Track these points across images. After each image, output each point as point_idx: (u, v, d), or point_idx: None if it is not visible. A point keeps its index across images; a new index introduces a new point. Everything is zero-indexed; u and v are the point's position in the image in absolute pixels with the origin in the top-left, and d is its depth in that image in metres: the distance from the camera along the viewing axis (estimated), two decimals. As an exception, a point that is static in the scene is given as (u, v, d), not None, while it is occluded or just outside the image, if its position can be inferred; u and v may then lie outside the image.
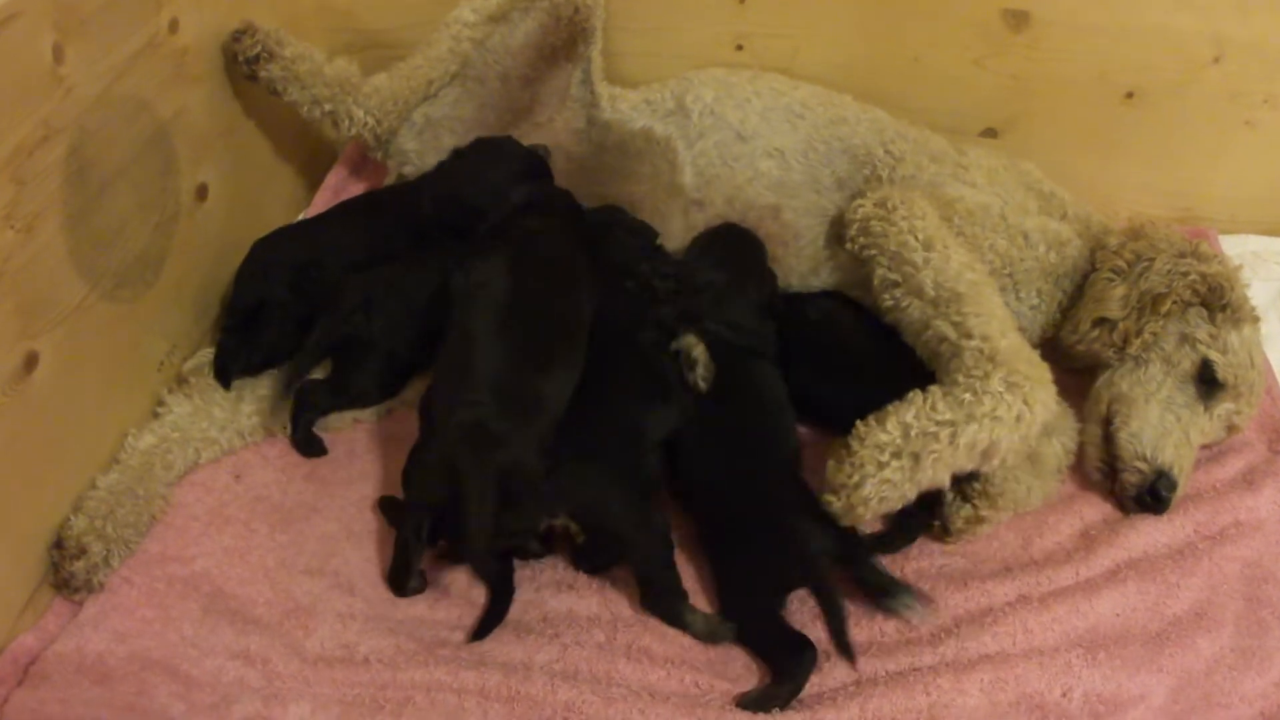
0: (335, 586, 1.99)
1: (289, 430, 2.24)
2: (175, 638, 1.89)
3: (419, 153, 2.74)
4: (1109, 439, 2.20)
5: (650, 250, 2.38)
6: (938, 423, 1.83)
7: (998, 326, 1.97)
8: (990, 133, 2.82)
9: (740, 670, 1.87)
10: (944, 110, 2.78)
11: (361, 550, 2.06)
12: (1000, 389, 1.87)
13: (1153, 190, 2.87)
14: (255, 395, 2.26)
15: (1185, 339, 2.21)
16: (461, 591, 1.99)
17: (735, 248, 2.38)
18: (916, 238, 2.12)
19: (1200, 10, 2.60)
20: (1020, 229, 2.31)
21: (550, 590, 1.99)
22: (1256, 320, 2.26)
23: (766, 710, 1.79)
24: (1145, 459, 2.13)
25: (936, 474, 1.84)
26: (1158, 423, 2.16)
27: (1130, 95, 2.73)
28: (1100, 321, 2.25)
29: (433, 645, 1.88)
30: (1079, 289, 2.33)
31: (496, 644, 1.89)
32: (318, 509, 2.14)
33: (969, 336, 1.96)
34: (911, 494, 1.85)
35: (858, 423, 1.87)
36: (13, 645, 1.86)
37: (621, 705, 1.79)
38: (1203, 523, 2.14)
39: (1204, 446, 2.27)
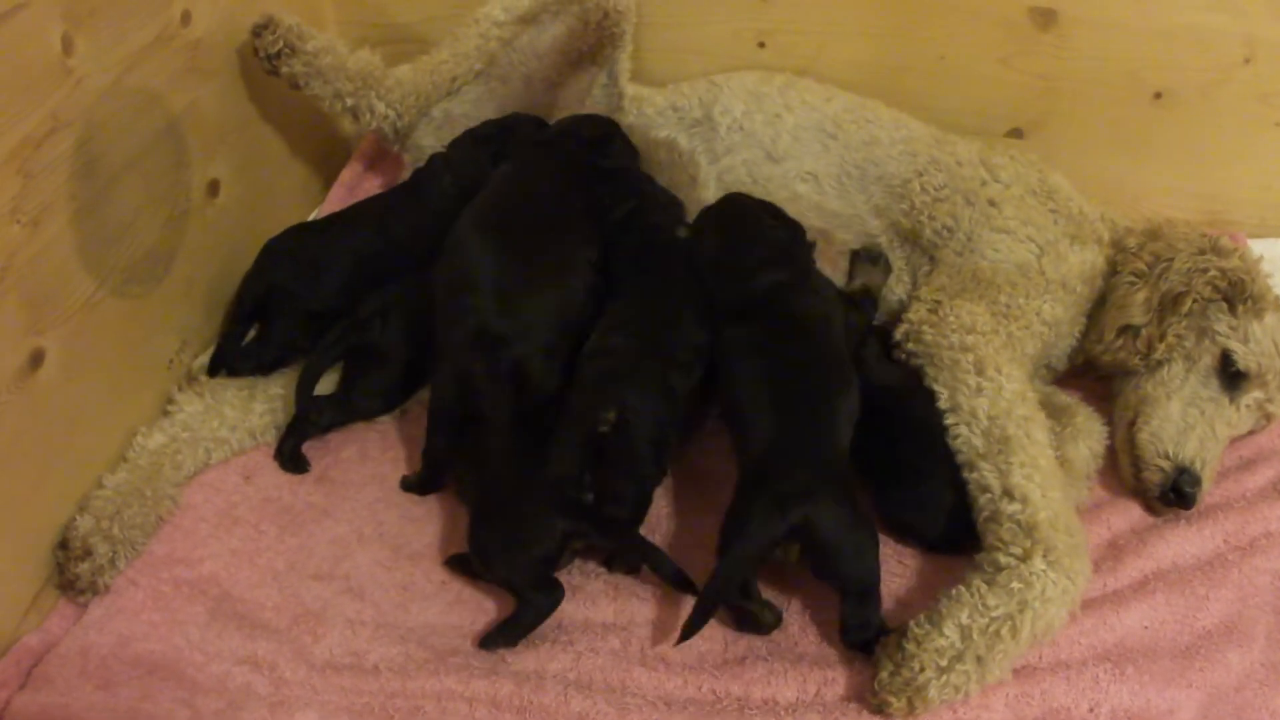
0: (345, 591, 1.96)
1: (280, 442, 2.20)
2: (181, 642, 1.86)
3: (436, 150, 2.69)
4: (1132, 440, 2.18)
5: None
6: (993, 619, 1.78)
7: (1040, 484, 1.91)
8: (1016, 133, 2.78)
9: (759, 675, 1.82)
10: (969, 110, 2.74)
11: (372, 554, 2.03)
12: (1043, 568, 1.82)
13: (1181, 192, 2.83)
14: (267, 394, 2.23)
15: (1204, 333, 2.20)
16: (474, 598, 1.96)
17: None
18: (969, 358, 2.07)
19: (1231, 10, 2.56)
20: (1060, 280, 2.27)
21: (565, 597, 1.95)
22: None
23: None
24: (1166, 456, 2.11)
25: (1003, 671, 1.80)
26: (1179, 419, 2.14)
27: (1159, 96, 2.69)
28: (1124, 329, 2.23)
29: (444, 653, 1.85)
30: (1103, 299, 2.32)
31: (509, 652, 1.86)
32: (328, 512, 2.11)
33: (1010, 498, 1.90)
34: (975, 693, 1.80)
35: (910, 624, 1.81)
36: (16, 647, 1.83)
37: (636, 715, 1.76)
38: (1232, 533, 2.10)
39: (1238, 439, 2.25)
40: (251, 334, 2.34)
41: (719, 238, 2.25)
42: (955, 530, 2.00)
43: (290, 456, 2.17)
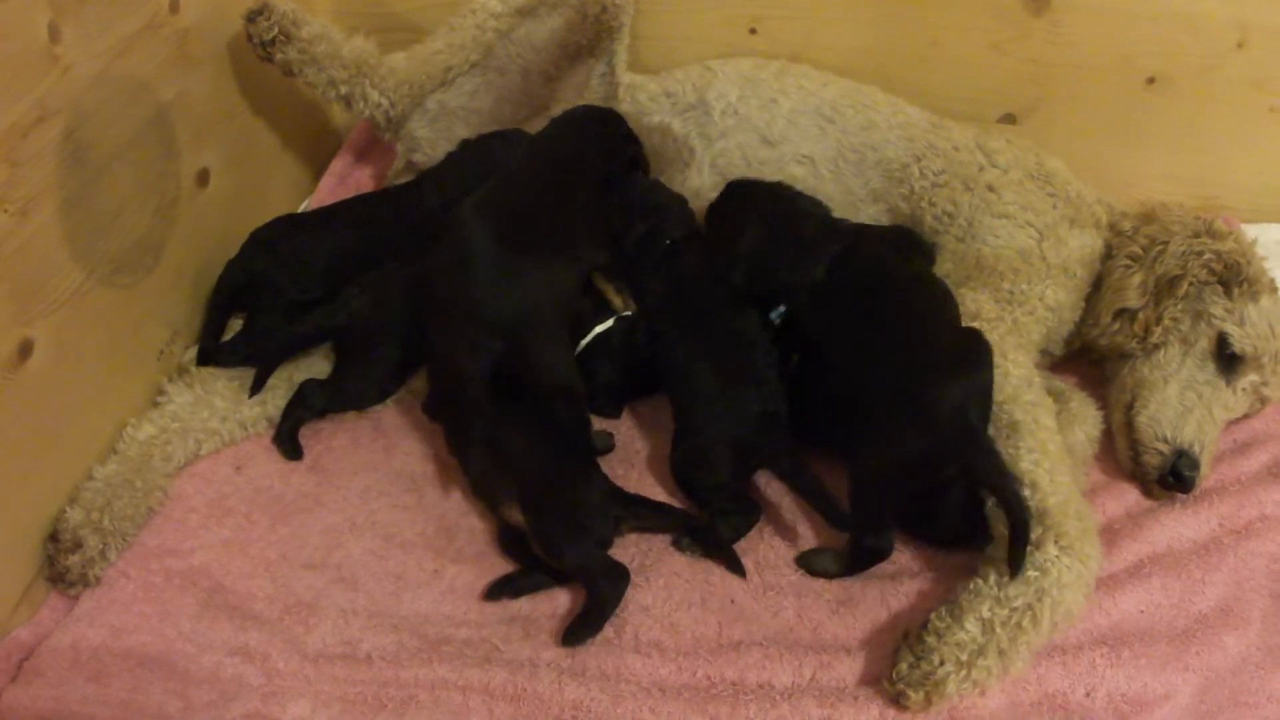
0: (337, 581, 1.95)
1: (278, 425, 2.20)
2: (173, 633, 1.85)
3: (430, 141, 2.70)
4: (1130, 424, 2.18)
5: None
6: (1014, 609, 1.78)
7: (1048, 469, 1.92)
8: (1009, 119, 2.77)
9: (754, 660, 1.82)
10: (962, 96, 2.73)
11: (364, 543, 2.02)
12: (1056, 553, 1.82)
13: (1174, 178, 2.82)
14: (258, 385, 2.21)
15: (1200, 316, 2.20)
16: (467, 587, 1.95)
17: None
18: None
19: (1223, -6, 2.56)
20: (1061, 265, 2.26)
21: (559, 586, 1.95)
22: (1275, 290, 2.24)
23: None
24: (1165, 440, 2.11)
25: (1025, 664, 1.80)
26: (1176, 403, 2.14)
27: (1152, 81, 2.68)
28: (1121, 313, 2.23)
29: (437, 642, 1.85)
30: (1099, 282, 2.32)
31: (503, 640, 1.85)
32: (320, 501, 2.10)
33: (1019, 484, 1.91)
34: (995, 687, 1.79)
35: (933, 616, 1.81)
36: (7, 640, 1.83)
37: (631, 703, 1.75)
38: (1228, 516, 2.10)
39: (1233, 422, 2.25)
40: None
41: (761, 231, 2.24)
42: (967, 527, 1.98)
43: (289, 439, 2.17)
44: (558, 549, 1.90)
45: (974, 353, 1.97)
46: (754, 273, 2.20)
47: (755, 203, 2.28)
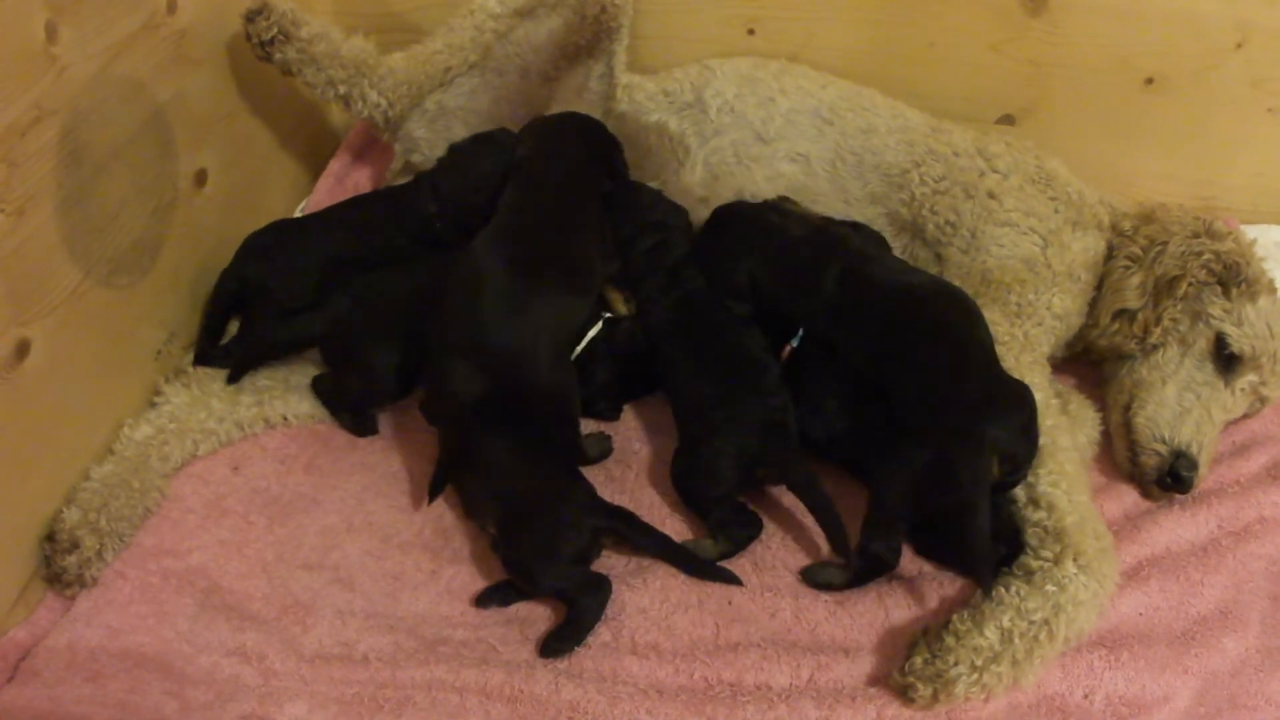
0: (334, 581, 1.95)
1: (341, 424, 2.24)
2: (170, 634, 1.85)
3: (429, 141, 2.69)
4: (1128, 425, 2.18)
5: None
6: (1031, 623, 1.79)
7: (1066, 490, 1.93)
8: (1007, 120, 2.77)
9: (752, 661, 1.82)
10: (960, 97, 2.73)
11: (361, 544, 2.02)
12: (1074, 571, 1.83)
13: (1173, 179, 2.82)
14: (254, 386, 2.22)
15: (1198, 316, 2.20)
16: (464, 588, 1.95)
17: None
18: None
19: (1222, -6, 2.55)
20: (1066, 270, 2.26)
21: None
22: (1274, 290, 2.24)
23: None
24: (1163, 440, 2.11)
25: (1037, 676, 1.80)
26: (1175, 403, 2.14)
27: (1150, 81, 2.68)
28: (1120, 313, 2.23)
29: (434, 643, 1.84)
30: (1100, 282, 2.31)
31: (500, 641, 1.85)
32: (317, 501, 2.10)
33: (1036, 505, 1.92)
34: (1003, 695, 1.80)
35: (954, 618, 1.82)
36: (3, 640, 1.82)
37: (628, 704, 1.75)
38: (1226, 518, 2.10)
39: (1232, 423, 2.25)
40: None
41: (756, 264, 2.22)
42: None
43: (356, 425, 2.22)
44: (530, 573, 1.89)
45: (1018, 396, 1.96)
46: (759, 305, 2.20)
47: (745, 234, 2.26)
